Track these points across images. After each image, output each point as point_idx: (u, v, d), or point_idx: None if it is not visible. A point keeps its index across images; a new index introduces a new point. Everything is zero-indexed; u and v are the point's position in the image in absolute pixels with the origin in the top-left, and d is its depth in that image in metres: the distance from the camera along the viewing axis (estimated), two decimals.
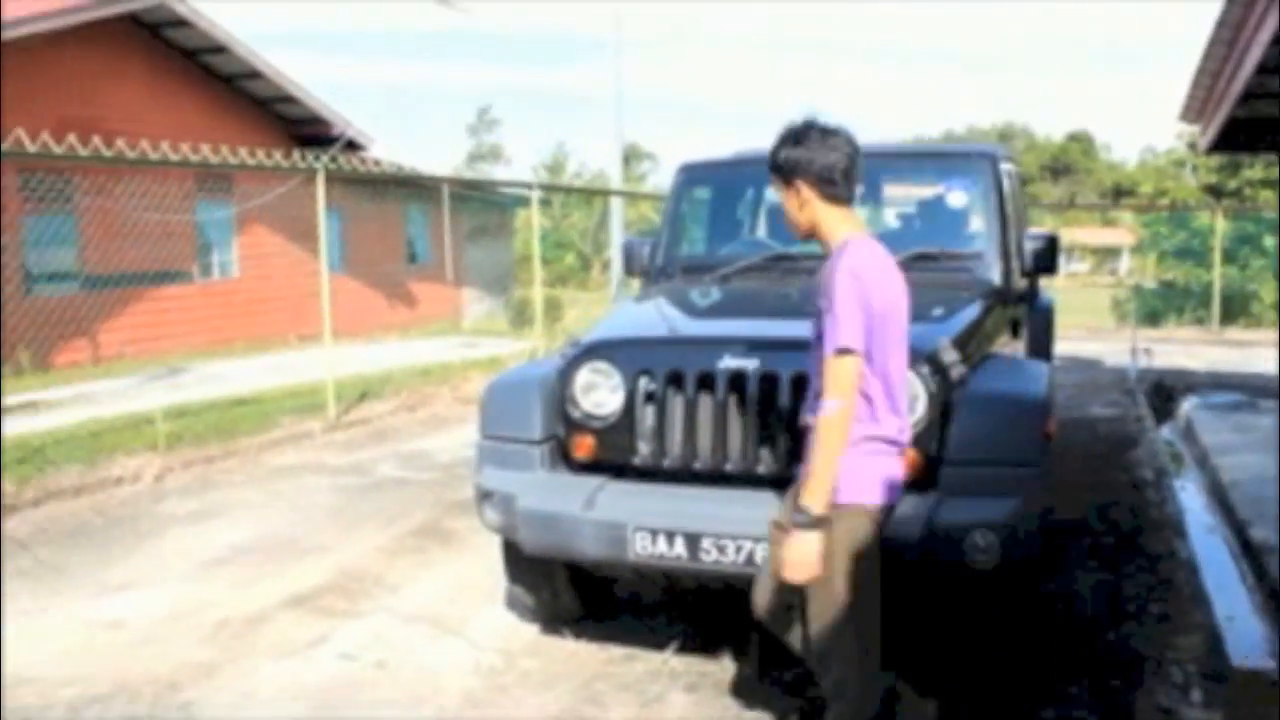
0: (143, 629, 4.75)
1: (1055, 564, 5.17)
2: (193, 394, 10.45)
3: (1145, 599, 4.87)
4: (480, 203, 23.35)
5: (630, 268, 5.59)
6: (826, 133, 3.03)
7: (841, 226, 3.02)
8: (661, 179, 47.94)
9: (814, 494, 2.82)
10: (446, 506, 6.74)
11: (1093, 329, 18.33)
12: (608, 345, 4.16)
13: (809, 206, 3.03)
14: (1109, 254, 51.06)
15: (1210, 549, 5.73)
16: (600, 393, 4.05)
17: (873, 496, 2.93)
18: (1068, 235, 43.81)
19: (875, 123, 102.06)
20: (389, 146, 45.36)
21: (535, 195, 12.49)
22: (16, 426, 8.51)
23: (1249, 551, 5.30)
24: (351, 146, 17.41)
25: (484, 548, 5.82)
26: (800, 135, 3.03)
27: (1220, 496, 6.40)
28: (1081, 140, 71.15)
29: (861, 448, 2.92)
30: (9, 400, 9.99)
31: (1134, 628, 4.52)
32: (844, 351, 2.83)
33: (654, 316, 4.72)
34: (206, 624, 4.78)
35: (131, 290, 14.92)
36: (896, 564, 3.37)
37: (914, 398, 3.64)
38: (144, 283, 15.17)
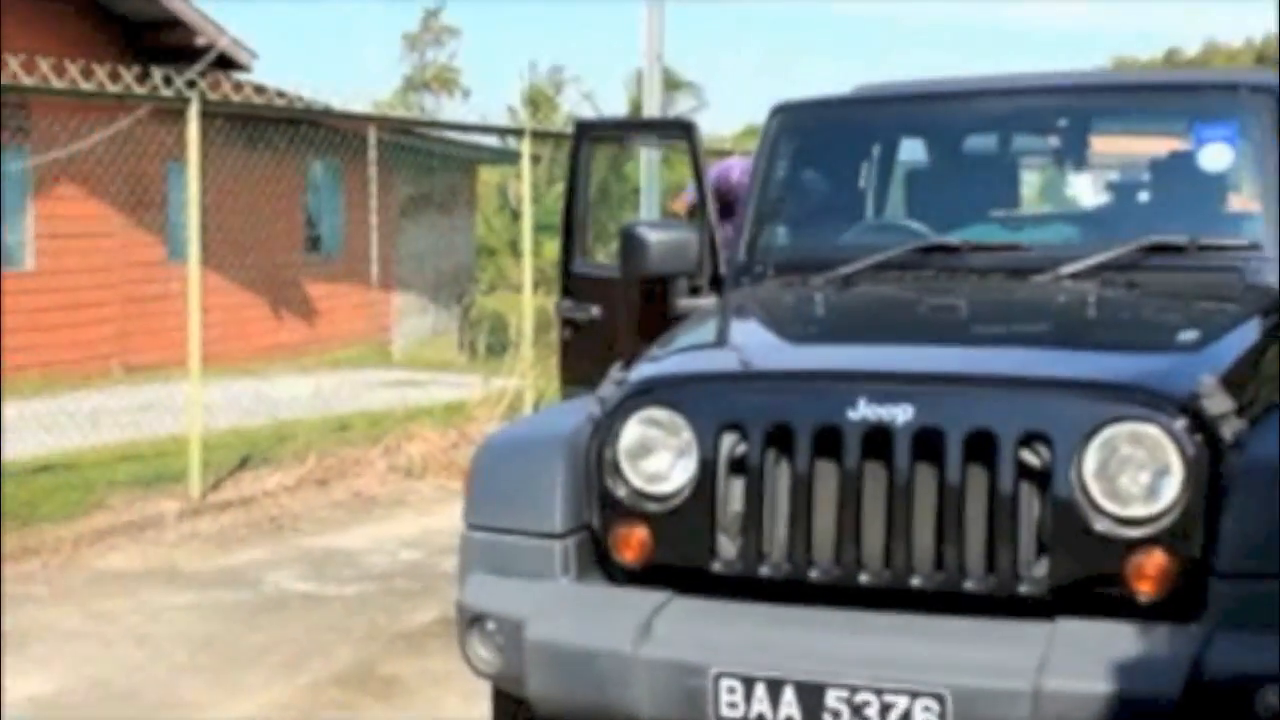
0: None
1: None
2: None
3: None
4: (426, 159, 23.40)
5: (676, 266, 5.77)
6: None
7: None
8: (709, 122, 47.80)
9: None
10: (386, 640, 6.91)
11: None
12: (672, 383, 4.32)
13: None
14: None
15: None
16: (661, 457, 4.20)
17: None
18: None
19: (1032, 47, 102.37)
20: (278, 66, 45.33)
21: (526, 148, 12.50)
22: None
23: None
24: (225, 65, 17.57)
25: (445, 703, 6.02)
26: None
27: None
28: None
29: None
30: None
31: None
32: None
33: (741, 340, 4.96)
34: None
35: None
36: None
37: (1163, 468, 3.80)
38: None
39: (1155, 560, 3.81)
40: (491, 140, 24.36)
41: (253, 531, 9.25)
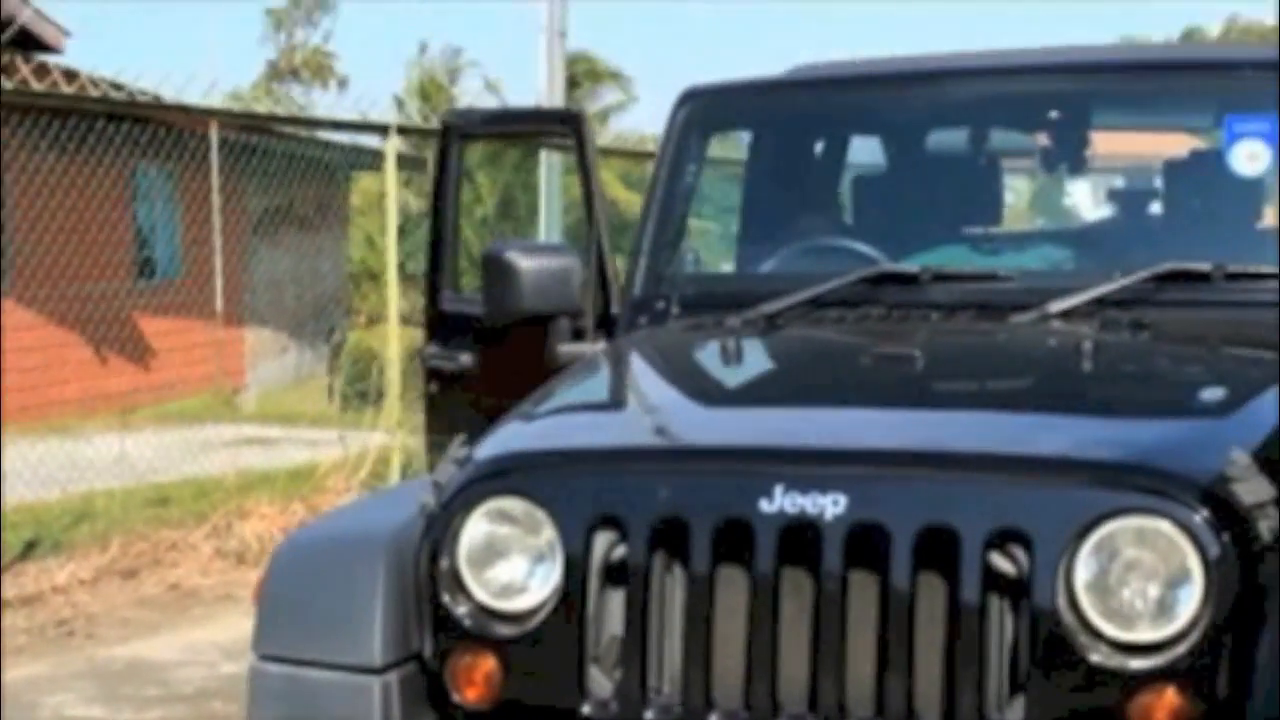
0: None
1: None
2: None
3: None
4: (286, 164, 23.32)
5: (555, 303, 5.70)
6: None
7: None
8: (640, 119, 48.45)
9: None
10: None
11: None
12: (529, 464, 4.24)
13: None
14: None
15: None
16: (514, 563, 4.08)
17: None
18: None
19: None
20: (98, 50, 45.68)
21: (391, 149, 12.70)
22: None
23: None
24: (26, 44, 17.46)
25: None
26: None
27: None
28: None
29: None
30: None
31: None
32: None
33: (625, 403, 5.06)
34: None
35: None
36: None
37: (1178, 577, 3.67)
38: None
39: (1168, 701, 3.63)
40: (373, 141, 24.35)
41: (34, 640, 9.04)
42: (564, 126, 7.11)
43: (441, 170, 6.61)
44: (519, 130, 9.68)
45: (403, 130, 14.87)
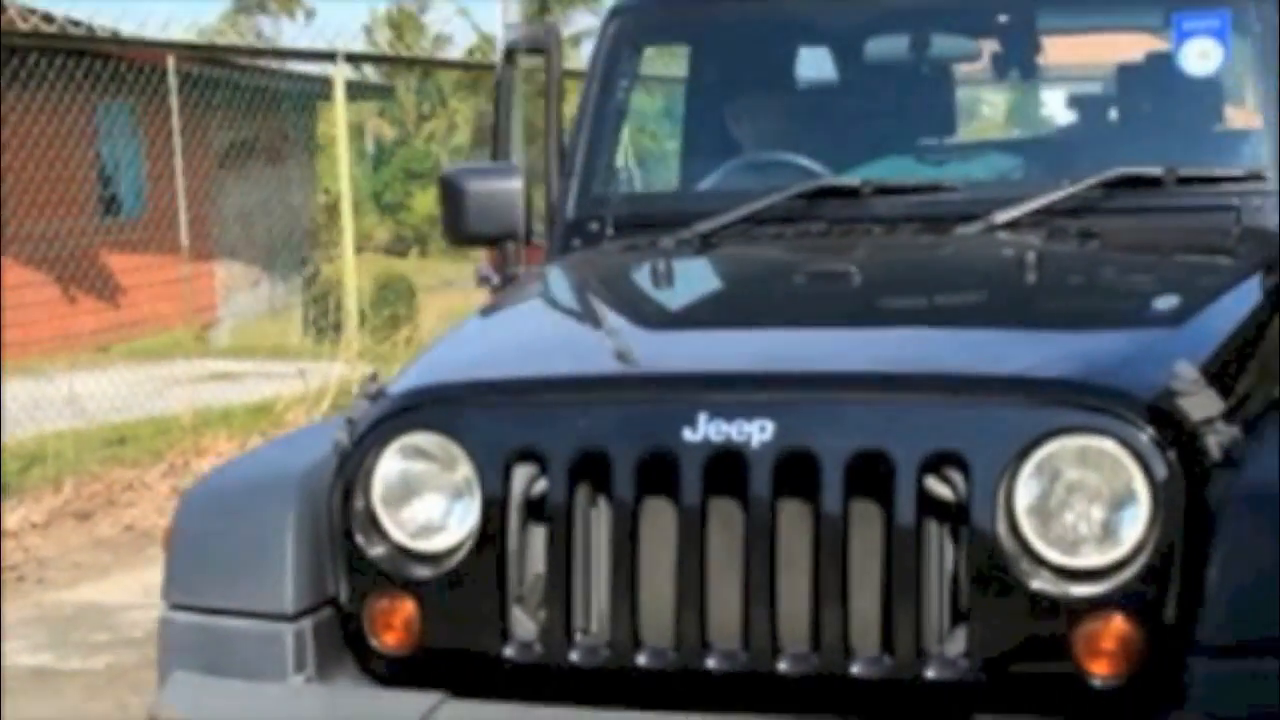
0: None
1: None
2: None
3: None
4: (247, 95, 23.32)
5: (499, 226, 5.66)
6: None
7: None
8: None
9: None
10: None
11: None
12: (443, 397, 4.12)
13: None
14: None
15: None
16: (431, 501, 4.00)
17: None
18: None
19: None
20: None
21: (340, 76, 12.63)
22: None
23: None
24: None
25: None
26: None
27: None
28: None
29: None
30: None
31: None
32: None
33: (547, 330, 4.89)
34: None
35: None
36: None
37: (1123, 498, 3.61)
38: None
39: (1114, 628, 3.60)
40: (342, 69, 24.57)
41: None
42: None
43: (499, 91, 6.49)
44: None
45: (358, 58, 14.81)
